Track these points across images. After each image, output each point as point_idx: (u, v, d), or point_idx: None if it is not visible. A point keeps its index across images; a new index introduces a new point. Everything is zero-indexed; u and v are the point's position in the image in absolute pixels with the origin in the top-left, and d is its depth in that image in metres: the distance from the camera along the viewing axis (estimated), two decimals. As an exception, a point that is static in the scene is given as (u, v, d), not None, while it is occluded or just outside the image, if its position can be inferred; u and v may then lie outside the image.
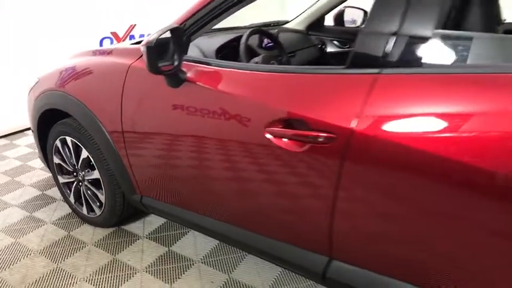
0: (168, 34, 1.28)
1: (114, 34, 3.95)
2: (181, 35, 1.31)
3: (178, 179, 1.55)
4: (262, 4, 1.76)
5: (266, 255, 1.41)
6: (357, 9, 2.52)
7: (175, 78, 1.35)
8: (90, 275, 1.72)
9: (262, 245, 1.37)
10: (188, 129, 1.40)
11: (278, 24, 2.53)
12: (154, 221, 2.11)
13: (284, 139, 1.13)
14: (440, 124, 0.90)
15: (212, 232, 1.56)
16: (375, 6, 1.02)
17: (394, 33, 0.97)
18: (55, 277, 1.71)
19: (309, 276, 1.33)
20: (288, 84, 1.17)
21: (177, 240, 1.95)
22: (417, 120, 0.93)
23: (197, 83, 1.33)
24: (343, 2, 2.41)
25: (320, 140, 1.06)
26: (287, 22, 2.57)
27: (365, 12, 2.52)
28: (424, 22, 0.96)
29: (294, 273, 1.67)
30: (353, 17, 2.54)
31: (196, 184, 1.48)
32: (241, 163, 1.27)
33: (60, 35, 3.57)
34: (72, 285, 1.66)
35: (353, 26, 2.56)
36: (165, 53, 1.29)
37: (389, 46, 0.98)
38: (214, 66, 1.33)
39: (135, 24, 4.10)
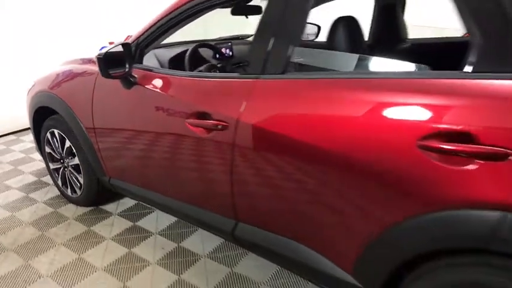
0: (120, 48, 1.68)
1: (112, 43, 4.40)
2: (130, 48, 1.71)
3: (133, 162, 1.94)
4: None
5: (196, 221, 1.78)
6: (311, 25, 2.88)
7: (128, 82, 1.75)
8: (67, 240, 2.12)
9: (192, 213, 1.74)
10: (139, 122, 1.79)
11: (243, 37, 2.92)
12: (127, 203, 2.50)
13: (198, 128, 1.51)
14: (292, 115, 1.26)
15: (155, 203, 1.93)
16: (256, 32, 1.39)
17: (268, 50, 1.34)
18: (39, 241, 2.12)
19: (224, 237, 1.69)
20: (203, 87, 1.55)
21: (142, 218, 2.33)
22: (277, 112, 1.29)
23: (144, 85, 1.72)
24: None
25: (219, 127, 1.43)
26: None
27: (319, 27, 2.88)
28: (288, 43, 1.32)
29: (231, 244, 2.03)
30: (308, 31, 2.90)
31: (144, 166, 1.87)
32: (171, 147, 1.65)
33: (65, 44, 4.05)
34: (52, 248, 2.06)
35: (308, 39, 2.92)
36: (120, 61, 1.69)
37: (264, 59, 1.35)
38: (157, 72, 1.72)
39: (131, 35, 4.55)
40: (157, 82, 1.69)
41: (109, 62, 1.64)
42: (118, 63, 1.70)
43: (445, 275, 1.05)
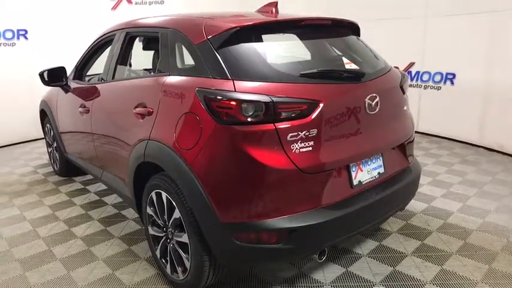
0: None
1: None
2: (65, 70, 2.92)
3: (71, 142, 3.11)
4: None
5: (93, 175, 2.84)
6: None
7: (66, 89, 2.96)
8: (39, 192, 3.33)
9: (92, 170, 2.82)
10: (75, 117, 2.96)
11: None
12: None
13: (82, 113, 2.61)
14: (112, 100, 2.29)
15: (82, 167, 3.05)
16: (105, 63, 2.48)
17: (107, 70, 2.41)
18: (27, 188, 3.37)
19: (99, 180, 2.71)
20: (86, 89, 2.66)
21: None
22: (105, 97, 2.33)
23: (72, 92, 2.91)
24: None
25: (86, 111, 2.52)
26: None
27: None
28: (115, 67, 2.38)
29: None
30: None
31: (75, 144, 3.02)
32: (79, 127, 2.78)
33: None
34: (30, 192, 3.28)
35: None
36: (60, 77, 2.91)
37: (106, 74, 2.41)
38: (82, 84, 2.90)
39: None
40: (78, 89, 2.88)
41: (48, 77, 2.88)
42: (60, 78, 2.92)
43: (152, 180, 1.95)
